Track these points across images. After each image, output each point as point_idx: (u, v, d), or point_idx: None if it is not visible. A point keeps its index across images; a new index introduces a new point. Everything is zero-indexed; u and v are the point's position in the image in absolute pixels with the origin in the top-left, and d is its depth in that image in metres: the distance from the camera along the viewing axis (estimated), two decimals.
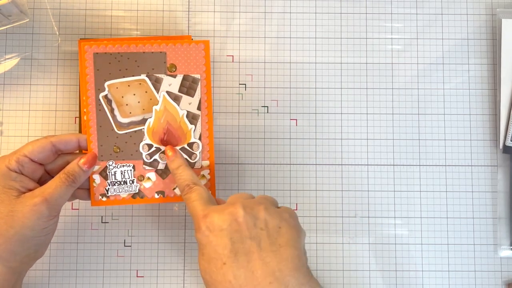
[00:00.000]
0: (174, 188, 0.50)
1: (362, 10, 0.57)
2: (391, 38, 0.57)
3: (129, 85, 0.49)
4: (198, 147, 0.50)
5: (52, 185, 0.45)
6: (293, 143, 0.56)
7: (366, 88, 0.57)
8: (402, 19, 0.58)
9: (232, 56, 0.57)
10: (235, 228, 0.40)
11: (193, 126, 0.49)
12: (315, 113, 0.56)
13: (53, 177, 0.48)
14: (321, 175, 0.56)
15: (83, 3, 0.57)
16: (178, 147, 0.49)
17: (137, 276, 0.54)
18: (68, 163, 0.48)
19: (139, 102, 0.49)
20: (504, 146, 0.55)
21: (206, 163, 0.50)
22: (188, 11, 0.57)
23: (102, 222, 0.54)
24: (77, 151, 0.49)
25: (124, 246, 0.54)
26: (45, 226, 0.45)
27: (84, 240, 0.54)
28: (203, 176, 0.50)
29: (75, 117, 0.55)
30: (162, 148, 0.49)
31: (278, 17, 0.57)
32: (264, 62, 0.57)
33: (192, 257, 0.54)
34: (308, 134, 0.56)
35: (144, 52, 0.49)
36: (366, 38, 0.57)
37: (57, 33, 0.56)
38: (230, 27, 0.57)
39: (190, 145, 0.49)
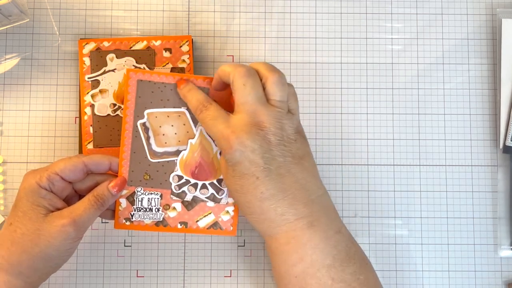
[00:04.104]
0: (198, 221, 0.50)
1: (362, 10, 0.58)
2: (391, 38, 0.57)
3: (168, 116, 0.49)
4: None
5: (81, 207, 0.45)
6: None
7: (366, 88, 0.57)
8: (402, 19, 0.58)
9: (232, 56, 0.57)
10: (265, 147, 0.43)
11: None
12: (315, 113, 0.56)
13: (80, 196, 0.48)
14: (321, 175, 0.55)
15: (83, 3, 0.57)
16: (207, 182, 0.49)
17: (137, 276, 0.54)
18: (97, 183, 0.47)
19: (176, 133, 0.49)
20: (504, 146, 0.55)
21: (231, 200, 0.50)
22: (188, 11, 0.57)
23: (102, 222, 0.54)
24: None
25: (124, 246, 0.54)
26: (70, 247, 0.45)
27: (84, 240, 0.54)
28: (227, 212, 0.50)
29: (75, 117, 0.55)
30: (192, 180, 0.49)
31: (278, 17, 0.57)
32: None
33: (192, 257, 0.54)
34: (308, 134, 0.56)
35: None
36: (366, 38, 0.57)
37: (57, 33, 0.56)
38: (230, 27, 0.57)
39: (219, 181, 0.49)
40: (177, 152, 0.49)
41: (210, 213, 0.50)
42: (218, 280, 0.54)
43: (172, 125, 0.49)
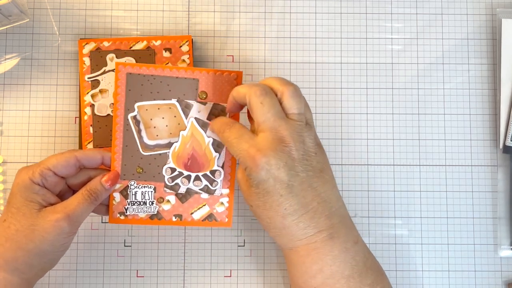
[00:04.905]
0: (192, 213, 0.50)
1: (362, 10, 0.58)
2: (391, 38, 0.57)
3: (159, 108, 0.49)
4: (220, 175, 0.50)
5: (74, 202, 0.45)
6: None
7: (366, 88, 0.57)
8: (402, 19, 0.58)
9: (232, 56, 0.57)
10: (290, 164, 0.42)
11: (217, 154, 0.49)
12: (315, 113, 0.56)
13: (73, 191, 0.48)
14: None
15: (83, 3, 0.57)
16: (200, 174, 0.49)
17: (137, 276, 0.54)
18: (90, 178, 0.47)
19: (167, 125, 0.49)
20: (504, 146, 0.55)
21: (226, 191, 0.50)
22: (188, 11, 0.57)
23: (102, 222, 0.54)
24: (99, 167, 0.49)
25: (124, 246, 0.54)
26: (64, 242, 0.45)
27: (84, 240, 0.54)
28: (222, 203, 0.50)
29: (75, 117, 0.55)
30: (185, 172, 0.49)
31: (278, 17, 0.57)
32: (264, 62, 0.57)
33: (192, 257, 0.54)
34: None
35: (177, 77, 0.49)
36: (366, 38, 0.57)
37: (57, 33, 0.56)
38: (230, 27, 0.57)
39: (213, 172, 0.49)
40: (169, 145, 0.49)
41: (204, 205, 0.50)
42: (218, 280, 0.54)
43: (163, 118, 0.49)
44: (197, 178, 0.49)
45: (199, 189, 0.49)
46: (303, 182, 0.43)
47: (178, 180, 0.49)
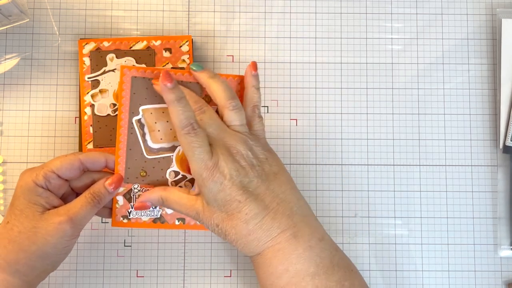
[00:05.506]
0: None
1: (362, 10, 0.58)
2: (391, 38, 0.57)
3: (163, 112, 0.49)
4: None
5: (77, 205, 0.45)
6: (293, 143, 0.56)
7: (366, 88, 0.57)
8: (402, 19, 0.58)
9: (232, 56, 0.57)
10: (242, 173, 0.44)
11: None
12: (315, 113, 0.56)
13: (76, 193, 0.48)
14: (321, 175, 0.56)
15: (83, 3, 0.57)
16: None
17: (137, 276, 0.54)
18: (93, 181, 0.47)
19: (171, 129, 0.49)
20: (504, 146, 0.55)
21: None
22: (188, 11, 0.57)
23: (102, 222, 0.54)
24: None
25: (124, 246, 0.54)
26: (67, 245, 0.45)
27: (84, 240, 0.54)
28: None
29: (75, 117, 0.55)
30: (189, 176, 0.49)
31: (278, 17, 0.57)
32: (264, 62, 0.57)
33: (192, 257, 0.54)
34: (308, 134, 0.56)
35: (182, 81, 0.49)
36: (366, 38, 0.57)
37: (57, 33, 0.56)
38: (230, 27, 0.57)
39: None
40: (173, 148, 0.49)
41: None
42: (218, 280, 0.54)
43: (167, 121, 0.49)
44: None
45: None
46: (259, 186, 0.44)
47: (181, 184, 0.49)
